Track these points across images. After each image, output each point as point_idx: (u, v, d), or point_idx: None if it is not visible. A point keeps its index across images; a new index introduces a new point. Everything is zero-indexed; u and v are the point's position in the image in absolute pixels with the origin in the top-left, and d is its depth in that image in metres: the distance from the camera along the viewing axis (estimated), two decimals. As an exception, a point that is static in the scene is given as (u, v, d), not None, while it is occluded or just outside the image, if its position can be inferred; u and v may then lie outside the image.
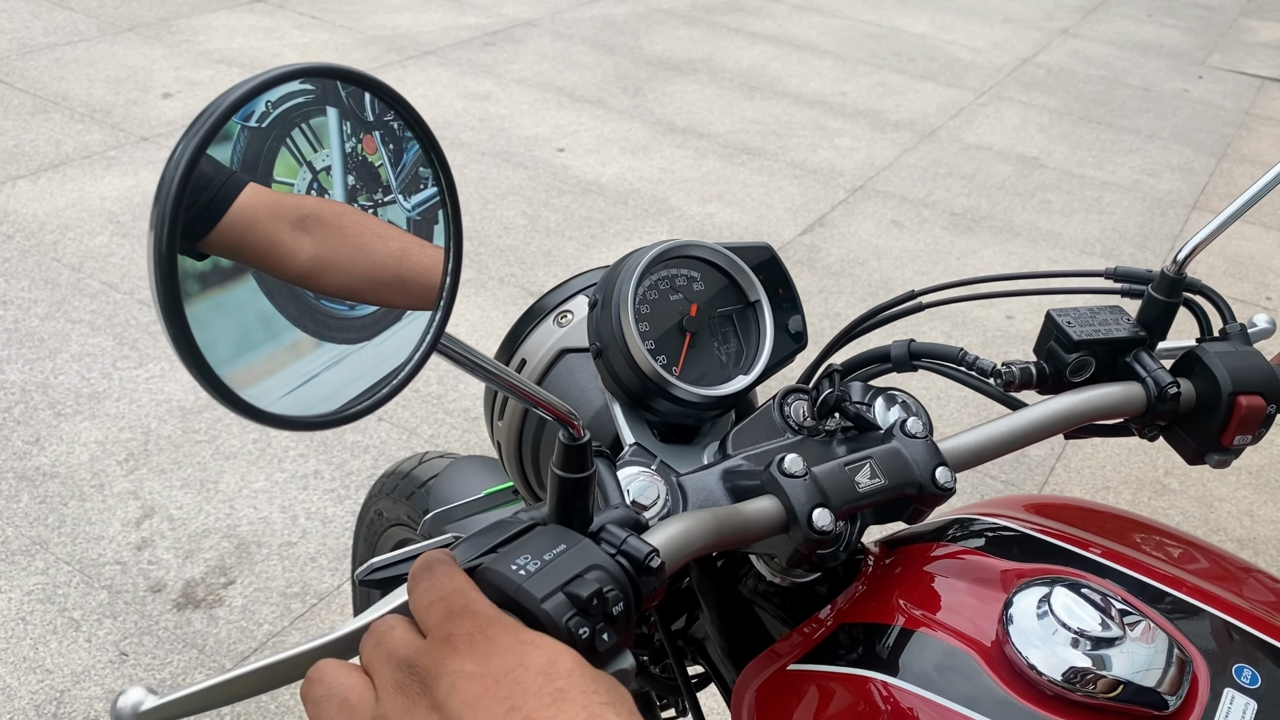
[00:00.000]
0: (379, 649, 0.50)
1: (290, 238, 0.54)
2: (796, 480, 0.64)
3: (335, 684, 0.49)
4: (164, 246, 0.39)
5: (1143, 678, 0.62)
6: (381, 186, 0.58)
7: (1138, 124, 4.86)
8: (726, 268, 0.78)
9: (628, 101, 4.53)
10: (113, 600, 2.02)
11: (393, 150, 0.59)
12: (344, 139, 0.59)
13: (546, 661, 0.46)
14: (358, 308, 0.59)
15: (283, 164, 0.58)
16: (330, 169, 0.59)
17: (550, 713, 0.44)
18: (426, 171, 0.56)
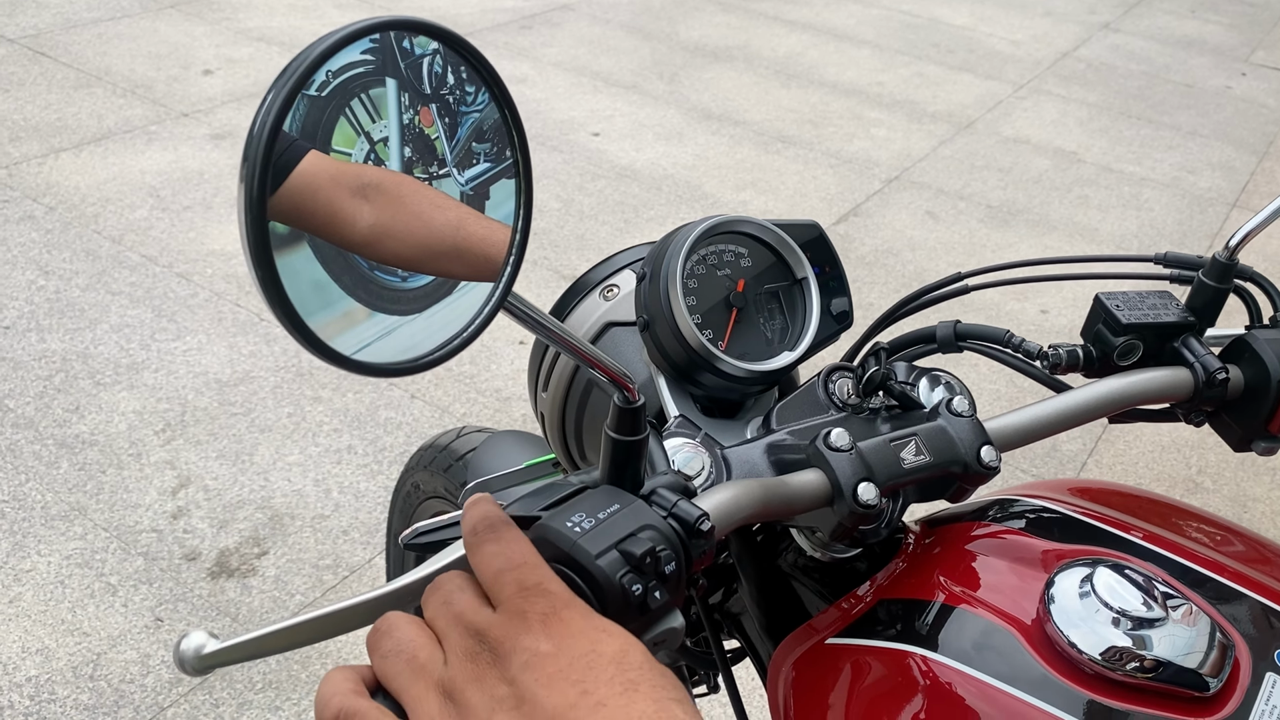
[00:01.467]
0: (447, 608, 0.50)
1: (350, 205, 0.55)
2: (842, 454, 0.65)
3: (404, 640, 0.49)
4: (254, 194, 0.40)
5: (1184, 659, 0.62)
6: (437, 160, 0.59)
7: (1178, 120, 4.80)
8: (774, 244, 0.78)
9: (663, 87, 4.53)
10: (149, 567, 2.05)
11: (448, 124, 0.60)
12: (402, 110, 0.60)
13: (619, 651, 0.47)
14: (410, 280, 0.60)
15: (341, 134, 0.59)
16: (387, 140, 0.60)
17: (622, 701, 0.45)
18: (480, 147, 0.57)
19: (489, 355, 2.73)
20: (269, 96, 0.41)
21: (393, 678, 0.48)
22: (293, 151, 0.58)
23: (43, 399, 2.44)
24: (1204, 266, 0.75)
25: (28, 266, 2.90)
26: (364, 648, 0.51)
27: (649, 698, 0.45)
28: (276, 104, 0.40)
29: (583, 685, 0.46)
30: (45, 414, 2.39)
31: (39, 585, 1.98)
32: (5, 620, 1.91)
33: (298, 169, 0.57)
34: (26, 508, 2.15)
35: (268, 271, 0.42)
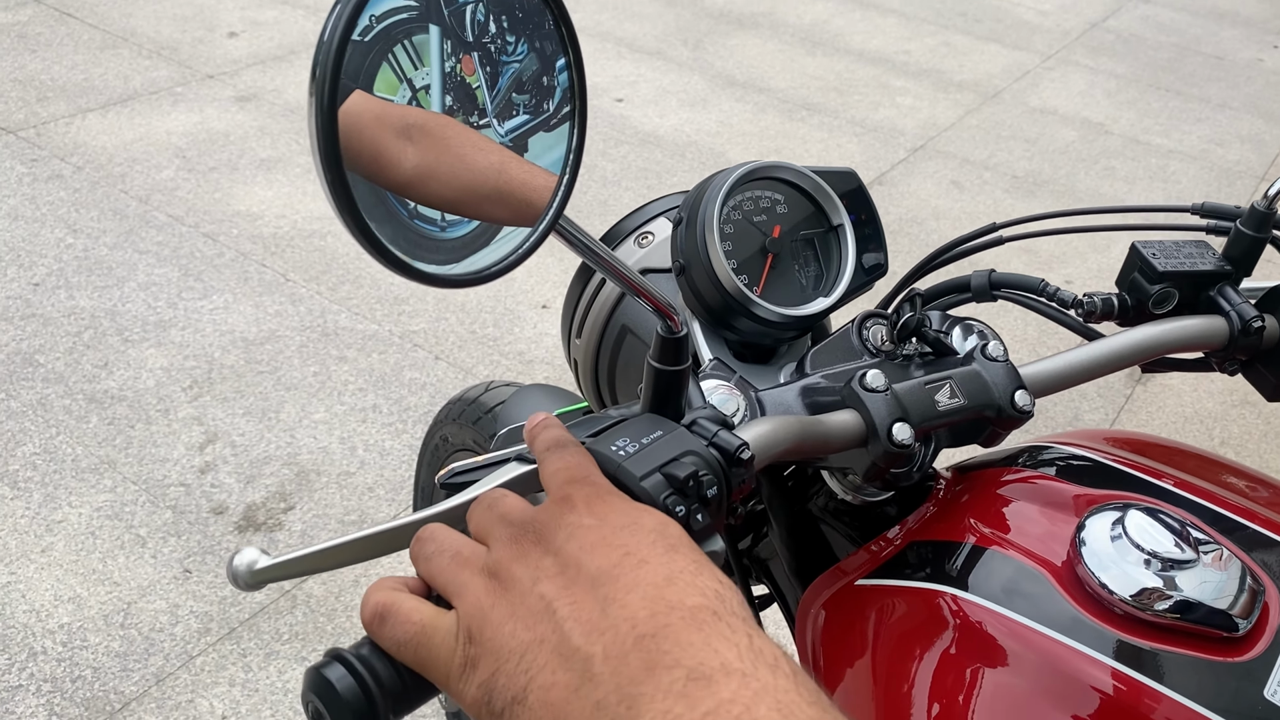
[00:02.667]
0: (490, 511, 0.51)
1: (395, 145, 0.56)
2: (877, 395, 0.65)
3: (446, 540, 0.51)
4: (325, 103, 0.41)
5: (1215, 600, 0.63)
6: (477, 109, 0.60)
7: (1208, 93, 4.75)
8: (811, 191, 0.79)
9: (688, 53, 4.50)
10: (177, 520, 2.08)
11: (490, 73, 0.61)
12: (444, 58, 0.60)
13: (659, 524, 0.48)
14: (449, 229, 0.61)
15: (383, 79, 0.60)
16: (429, 87, 0.61)
17: (664, 559, 0.45)
18: (520, 98, 0.57)
19: (512, 318, 2.74)
20: (337, 7, 0.42)
21: (437, 574, 0.49)
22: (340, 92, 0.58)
23: (72, 355, 2.46)
24: (1242, 216, 0.75)
25: (56, 225, 2.93)
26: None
27: (687, 557, 0.46)
28: (346, 12, 0.41)
29: (625, 548, 0.46)
30: (75, 369, 2.42)
31: (70, 536, 2.02)
32: (38, 569, 1.94)
33: (343, 108, 0.58)
34: (57, 460, 2.18)
35: (337, 174, 0.42)
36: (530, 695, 0.43)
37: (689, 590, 0.44)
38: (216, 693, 1.77)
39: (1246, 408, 2.75)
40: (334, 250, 2.94)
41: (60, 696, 1.73)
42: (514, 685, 0.43)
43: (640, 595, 0.44)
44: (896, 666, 0.69)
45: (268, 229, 3.01)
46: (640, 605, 0.43)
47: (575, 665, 0.43)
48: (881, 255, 0.82)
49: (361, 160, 0.57)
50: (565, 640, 0.43)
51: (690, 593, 0.44)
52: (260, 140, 3.45)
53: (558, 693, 0.42)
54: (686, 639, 0.42)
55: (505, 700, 0.44)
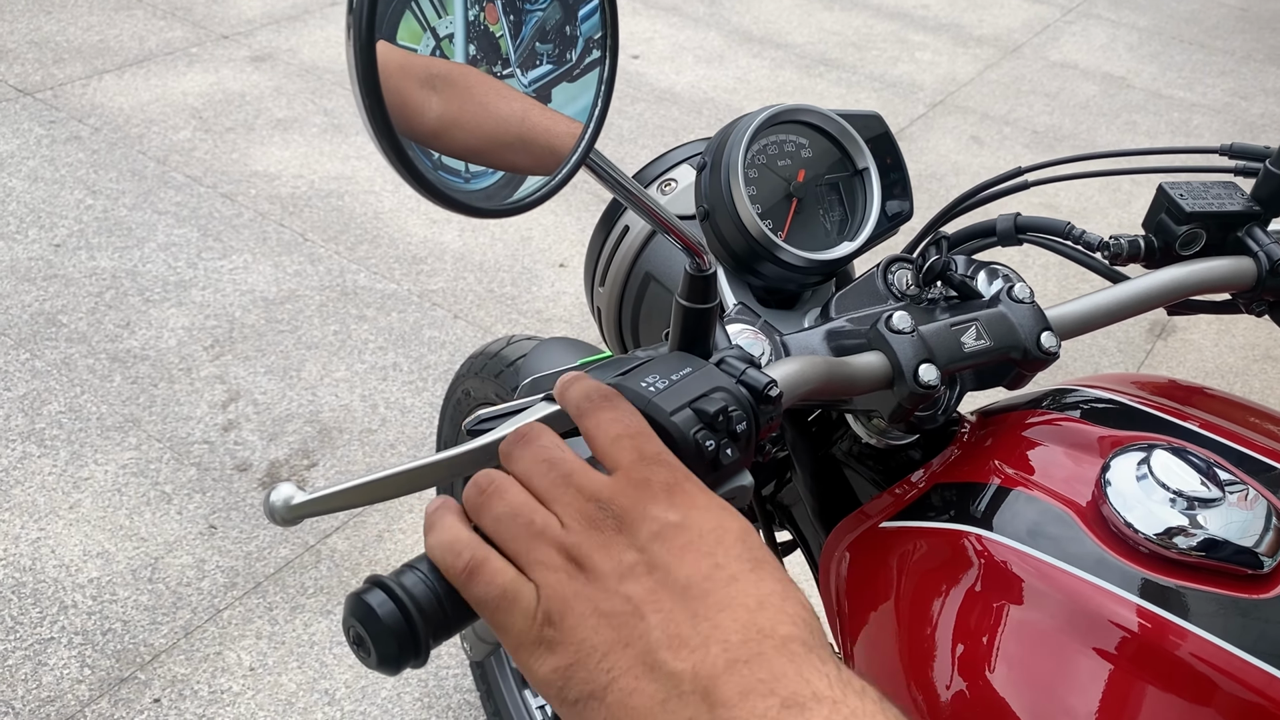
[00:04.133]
0: (549, 468, 0.50)
1: (419, 95, 0.56)
2: (903, 336, 0.66)
3: (516, 501, 0.49)
4: (364, 26, 0.41)
5: (1240, 538, 0.63)
6: (500, 59, 0.60)
7: (1231, 45, 4.67)
8: (836, 134, 0.78)
9: (704, 9, 4.46)
10: (201, 477, 2.10)
11: (513, 22, 0.60)
12: (468, 6, 0.60)
13: (743, 530, 0.47)
14: (473, 181, 0.61)
15: (406, 28, 0.60)
16: (453, 37, 0.60)
17: (753, 578, 0.45)
18: (544, 48, 0.57)
19: (529, 277, 2.75)
20: None
21: (508, 539, 0.48)
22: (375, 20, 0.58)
23: (94, 315, 2.48)
24: (1271, 156, 0.74)
25: (76, 186, 2.94)
26: (420, 529, 0.51)
27: (773, 577, 0.46)
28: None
29: (714, 559, 0.46)
30: (97, 329, 2.44)
31: (97, 493, 2.04)
32: (67, 525, 1.97)
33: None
34: (82, 419, 2.20)
35: (376, 102, 0.43)
36: (610, 696, 0.43)
37: (780, 618, 0.45)
38: (244, 645, 1.80)
39: (1269, 362, 2.73)
40: (351, 210, 2.94)
41: (91, 649, 1.77)
42: (593, 682, 0.44)
43: (731, 617, 0.44)
44: (921, 607, 0.70)
45: (285, 189, 3.01)
46: (732, 628, 0.44)
47: (662, 678, 0.43)
48: (907, 203, 0.82)
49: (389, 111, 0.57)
50: (652, 651, 0.44)
51: (781, 620, 0.44)
52: (276, 100, 3.44)
53: (641, 700, 0.43)
54: (780, 668, 0.42)
55: (581, 694, 0.44)
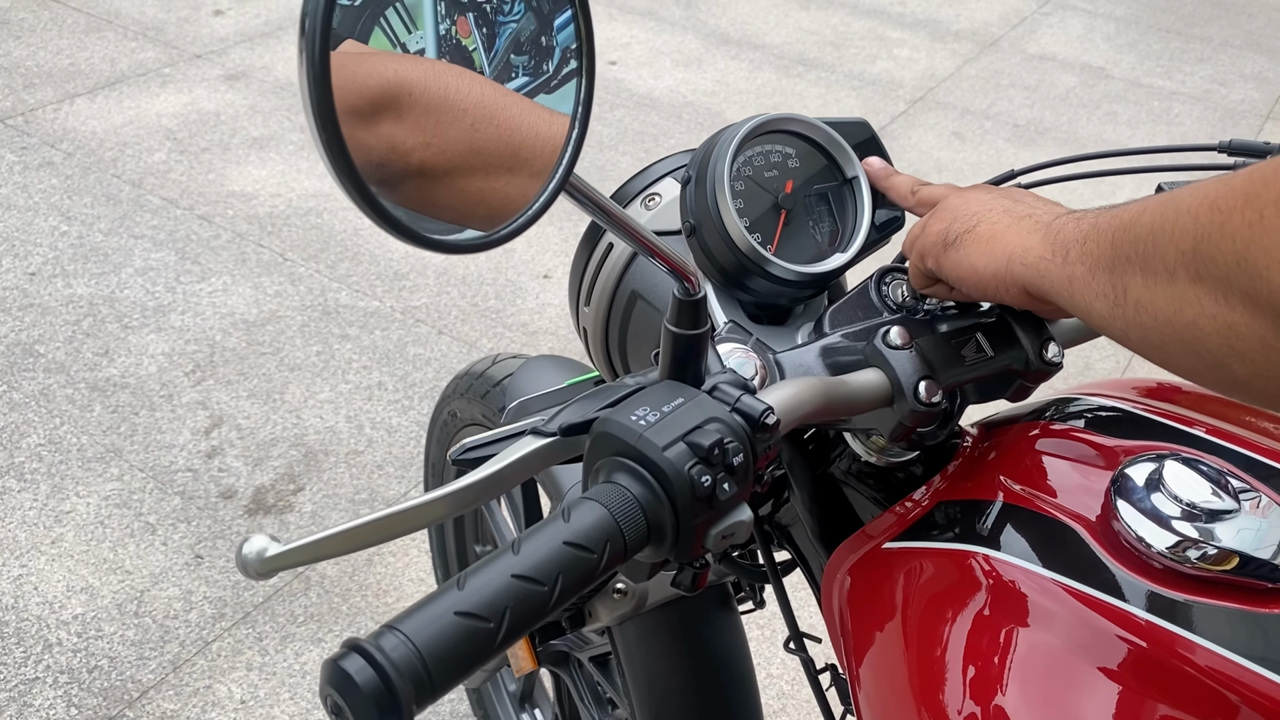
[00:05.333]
0: None
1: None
2: (901, 352, 0.63)
3: None
4: (317, 52, 0.38)
5: (1256, 550, 0.61)
6: (475, 71, 0.58)
7: (1209, 31, 4.68)
8: (824, 143, 0.76)
9: (680, 12, 4.44)
10: (186, 506, 2.06)
11: (486, 34, 0.58)
12: (438, 20, 0.58)
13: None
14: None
15: (376, 44, 0.58)
16: (424, 51, 0.58)
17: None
18: (519, 59, 0.55)
19: (514, 290, 2.72)
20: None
21: None
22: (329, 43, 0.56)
23: (72, 343, 2.44)
24: (1272, 152, 0.72)
25: (50, 213, 2.90)
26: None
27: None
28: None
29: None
30: (75, 358, 2.40)
31: (79, 526, 2.00)
32: (49, 561, 1.93)
33: (331, 60, 0.55)
34: (62, 451, 2.16)
35: (333, 134, 0.40)
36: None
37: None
38: (234, 678, 1.76)
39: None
40: (331, 227, 2.91)
41: (78, 687, 1.73)
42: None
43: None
44: (929, 630, 0.67)
45: (263, 208, 2.98)
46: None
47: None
48: (898, 210, 0.80)
49: None
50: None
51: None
52: (251, 119, 3.41)
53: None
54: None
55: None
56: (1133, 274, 0.50)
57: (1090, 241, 0.54)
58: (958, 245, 0.63)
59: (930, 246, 0.66)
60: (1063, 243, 0.57)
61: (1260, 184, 0.43)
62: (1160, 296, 0.49)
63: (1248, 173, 0.44)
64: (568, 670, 1.31)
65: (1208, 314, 0.46)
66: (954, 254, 0.63)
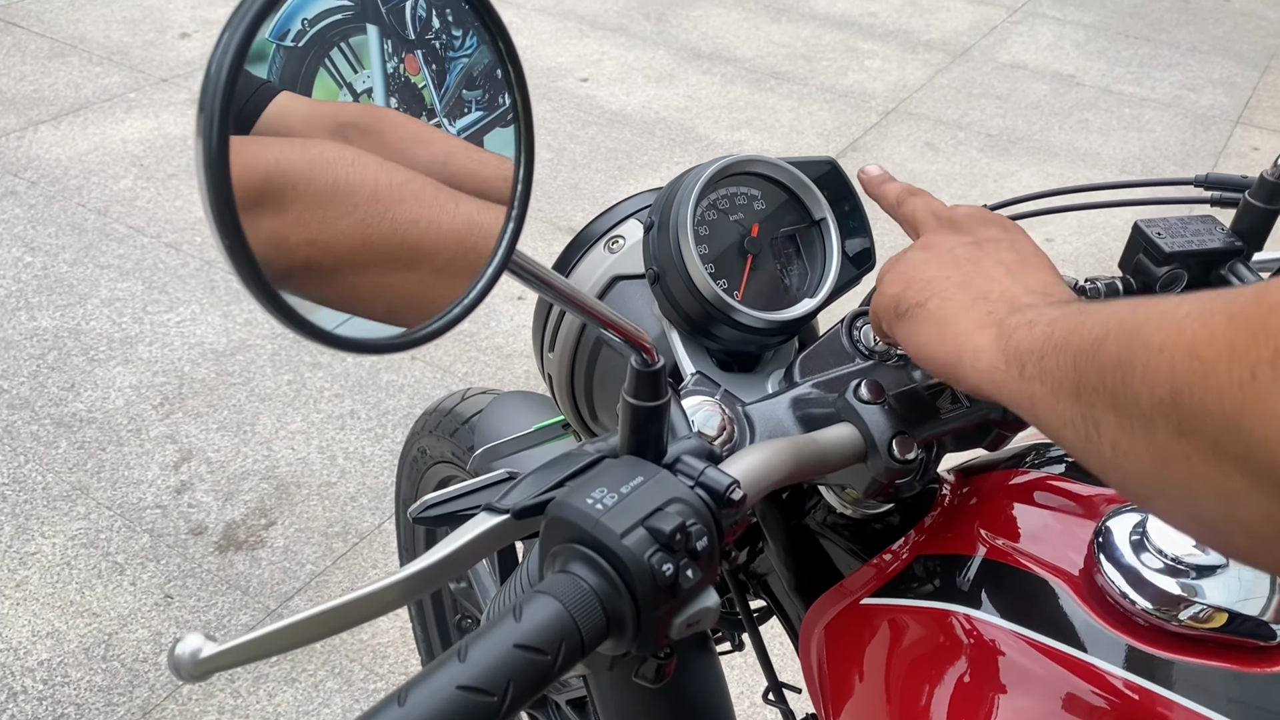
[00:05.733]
0: None
1: None
2: (874, 407, 0.61)
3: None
4: (214, 147, 0.35)
5: (1245, 605, 0.59)
6: (425, 109, 0.55)
7: (1177, 37, 4.70)
8: (790, 184, 0.74)
9: (651, 28, 4.43)
10: (155, 544, 2.02)
11: (436, 71, 0.56)
12: (385, 58, 0.56)
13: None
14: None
15: (321, 86, 0.55)
16: (371, 91, 0.56)
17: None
18: (471, 94, 0.52)
19: (489, 312, 2.68)
20: (224, 36, 0.36)
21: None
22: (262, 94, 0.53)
23: (37, 378, 2.40)
24: (1250, 187, 0.70)
25: (13, 244, 2.85)
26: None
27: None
28: (234, 43, 0.35)
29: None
30: (40, 393, 2.35)
31: (45, 568, 1.96)
32: (13, 605, 1.88)
33: (267, 112, 0.52)
34: (27, 490, 2.12)
35: (235, 239, 0.37)
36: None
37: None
38: (206, 721, 1.72)
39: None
40: (301, 253, 2.87)
41: (44, 736, 1.68)
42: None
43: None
44: (909, 692, 0.65)
45: (232, 235, 2.93)
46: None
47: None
48: (867, 240, 0.77)
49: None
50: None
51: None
52: (219, 143, 3.36)
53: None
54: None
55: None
56: (1104, 409, 0.42)
57: (1049, 358, 0.47)
58: (909, 318, 0.58)
59: (883, 311, 0.61)
60: (1017, 352, 0.50)
61: (1248, 335, 0.35)
62: (1140, 444, 0.40)
63: (1228, 313, 0.36)
64: (545, 712, 1.28)
65: (1199, 475, 0.37)
66: (905, 326, 0.59)
